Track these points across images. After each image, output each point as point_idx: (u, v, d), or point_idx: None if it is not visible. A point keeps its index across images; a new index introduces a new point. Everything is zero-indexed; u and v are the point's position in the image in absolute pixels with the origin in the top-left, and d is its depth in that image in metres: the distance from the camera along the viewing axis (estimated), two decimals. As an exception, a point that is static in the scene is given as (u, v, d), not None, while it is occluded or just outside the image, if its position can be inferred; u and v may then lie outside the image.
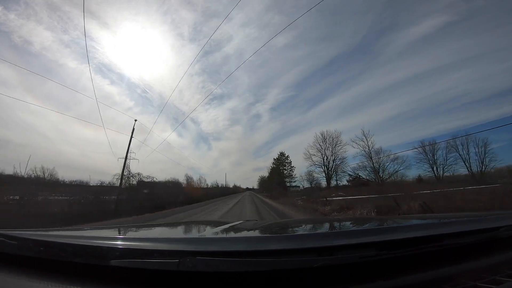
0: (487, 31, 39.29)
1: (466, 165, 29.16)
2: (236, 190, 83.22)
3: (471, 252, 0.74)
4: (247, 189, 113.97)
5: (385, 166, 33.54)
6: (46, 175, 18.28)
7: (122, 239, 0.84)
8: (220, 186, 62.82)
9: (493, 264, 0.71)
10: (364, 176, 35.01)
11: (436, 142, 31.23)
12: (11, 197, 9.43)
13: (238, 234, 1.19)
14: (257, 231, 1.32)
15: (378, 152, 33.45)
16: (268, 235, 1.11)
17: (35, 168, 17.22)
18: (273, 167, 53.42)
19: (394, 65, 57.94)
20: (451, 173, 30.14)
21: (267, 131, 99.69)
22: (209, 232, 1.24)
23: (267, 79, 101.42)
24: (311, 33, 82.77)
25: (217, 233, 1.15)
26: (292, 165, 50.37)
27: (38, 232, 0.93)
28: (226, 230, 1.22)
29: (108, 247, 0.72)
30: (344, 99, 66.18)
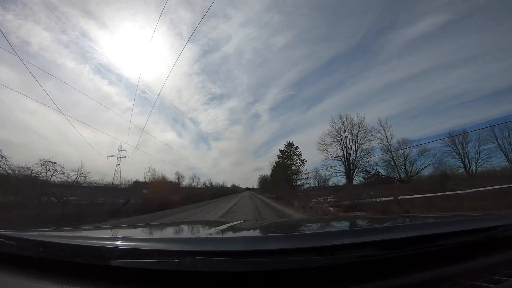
0: (487, 30, 39.58)
1: (507, 158, 24.56)
2: (235, 190, 79.14)
3: (470, 252, 0.75)
4: (247, 189, 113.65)
5: (413, 160, 27.66)
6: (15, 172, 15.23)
7: (122, 239, 0.84)
8: (214, 185, 52.12)
9: (491, 264, 0.71)
10: (383, 173, 29.42)
11: (467, 131, 26.88)
12: None
13: (238, 234, 1.19)
14: (256, 230, 1.32)
15: (402, 143, 28.10)
16: (267, 234, 1.12)
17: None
18: (278, 161, 43.28)
19: (394, 64, 58.26)
20: (486, 168, 25.85)
21: (267, 131, 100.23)
22: (208, 232, 1.24)
23: (267, 79, 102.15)
24: (310, 33, 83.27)
25: (216, 233, 1.15)
26: (302, 159, 40.56)
27: (37, 233, 0.93)
28: (226, 230, 1.22)
29: (107, 247, 0.72)
30: (344, 98, 66.30)
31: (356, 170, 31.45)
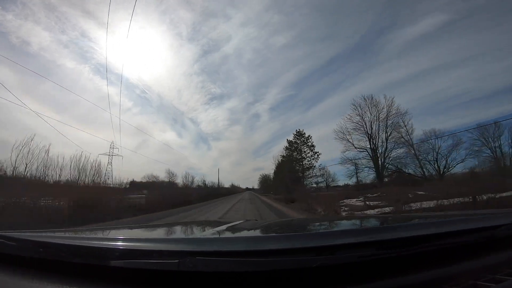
0: (487, 30, 39.39)
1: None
2: (233, 190, 73.90)
3: (471, 251, 0.74)
4: (247, 189, 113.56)
5: (446, 154, 22.10)
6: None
7: (122, 240, 0.84)
8: (209, 185, 44.46)
9: (493, 263, 0.71)
10: (403, 170, 23.85)
11: (499, 121, 21.43)
12: None
13: (238, 234, 1.19)
14: (257, 230, 1.32)
15: (429, 135, 22.67)
16: (267, 234, 1.12)
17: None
18: (285, 155, 34.71)
19: (394, 64, 58.10)
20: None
21: (267, 131, 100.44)
22: (209, 232, 1.24)
23: (267, 79, 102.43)
24: (310, 33, 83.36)
25: (217, 233, 1.15)
26: (315, 151, 32.24)
27: (37, 233, 0.93)
28: (226, 230, 1.22)
29: (107, 248, 0.72)
30: (344, 98, 66.07)
31: (388, 164, 24.19)
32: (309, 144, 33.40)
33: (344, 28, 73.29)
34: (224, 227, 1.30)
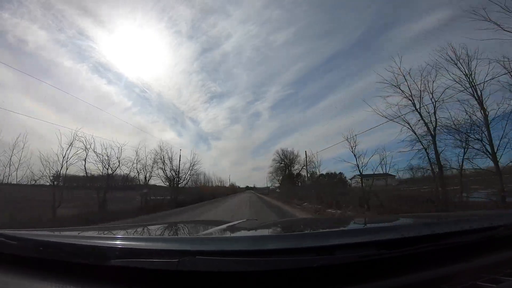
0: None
1: None
2: (234, 190, 66.60)
3: (471, 251, 0.74)
4: (247, 188, 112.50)
5: None
6: None
7: (122, 239, 0.84)
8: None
9: (492, 263, 0.71)
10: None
11: None
12: None
13: (238, 234, 1.19)
14: (257, 230, 1.32)
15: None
16: (267, 234, 1.12)
17: None
18: None
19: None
20: None
21: (267, 129, 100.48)
22: (208, 231, 1.24)
23: (267, 77, 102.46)
24: (310, 29, 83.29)
25: (216, 232, 1.16)
26: None
27: (38, 232, 0.94)
28: (226, 230, 1.22)
29: (107, 247, 0.72)
30: (345, 96, 65.38)
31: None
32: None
33: (345, 24, 73.11)
34: (224, 226, 1.30)
